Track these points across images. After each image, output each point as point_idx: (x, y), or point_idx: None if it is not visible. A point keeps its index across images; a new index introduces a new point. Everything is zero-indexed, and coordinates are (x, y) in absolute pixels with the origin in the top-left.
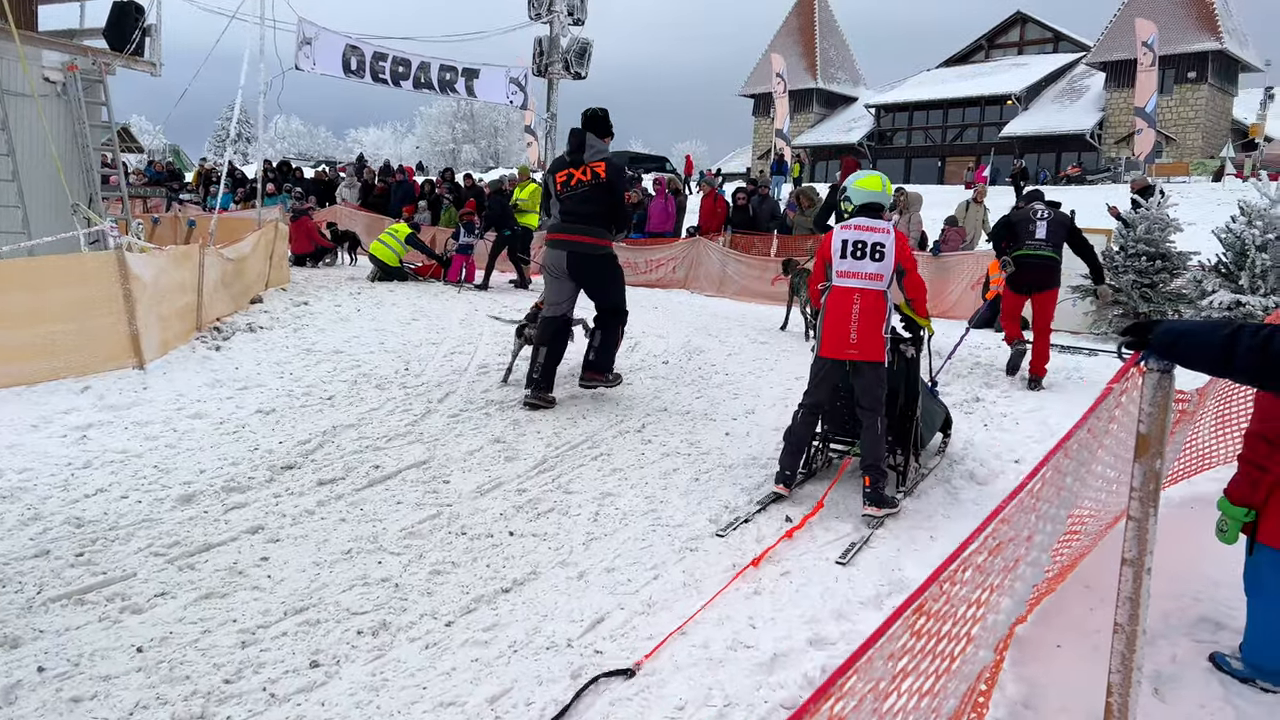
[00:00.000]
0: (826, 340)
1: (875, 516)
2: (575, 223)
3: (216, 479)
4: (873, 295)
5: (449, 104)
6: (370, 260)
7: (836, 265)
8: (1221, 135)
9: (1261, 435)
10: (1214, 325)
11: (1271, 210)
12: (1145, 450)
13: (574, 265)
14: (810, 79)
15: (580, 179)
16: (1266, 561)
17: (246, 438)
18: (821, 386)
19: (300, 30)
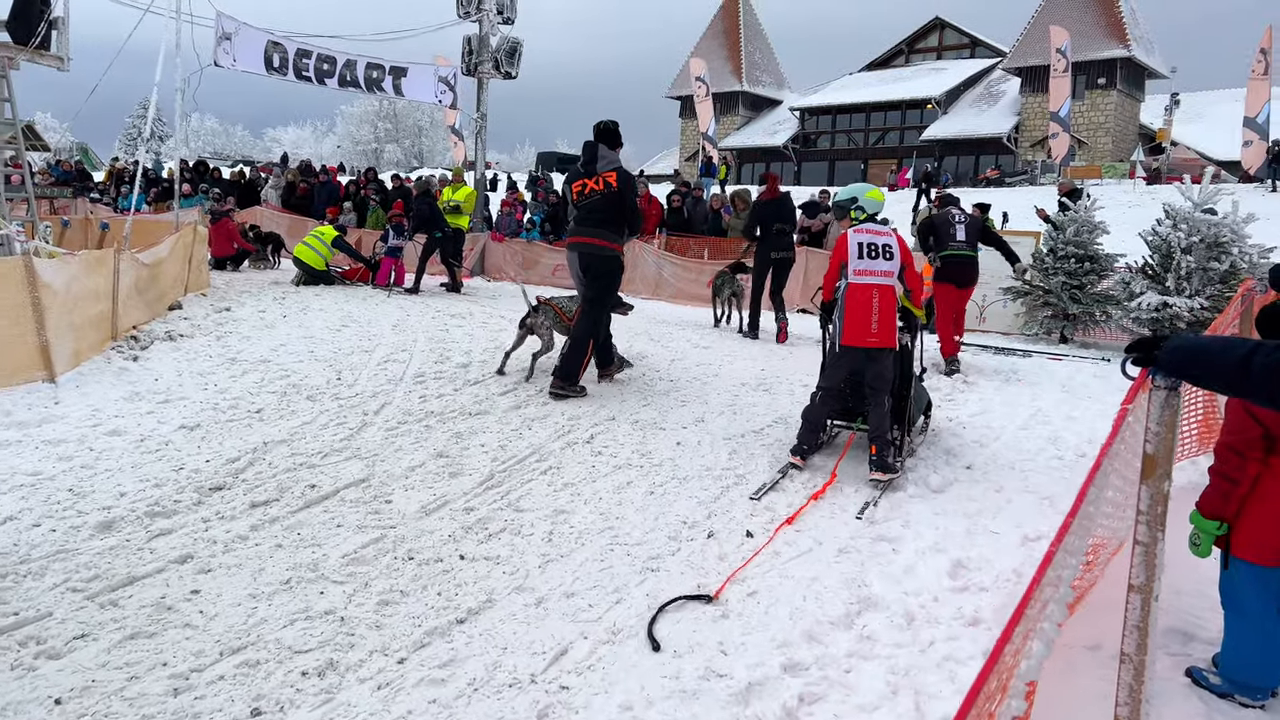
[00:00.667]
0: (849, 331)
1: (881, 480)
2: (588, 227)
3: (139, 503)
4: (888, 290)
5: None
6: (295, 264)
7: (854, 265)
8: (1130, 139)
9: (1231, 447)
10: (1226, 343)
11: (1195, 214)
12: (1152, 471)
13: (583, 263)
14: (736, 82)
15: (593, 188)
16: (1242, 575)
17: (170, 456)
18: (839, 372)
19: (219, 25)
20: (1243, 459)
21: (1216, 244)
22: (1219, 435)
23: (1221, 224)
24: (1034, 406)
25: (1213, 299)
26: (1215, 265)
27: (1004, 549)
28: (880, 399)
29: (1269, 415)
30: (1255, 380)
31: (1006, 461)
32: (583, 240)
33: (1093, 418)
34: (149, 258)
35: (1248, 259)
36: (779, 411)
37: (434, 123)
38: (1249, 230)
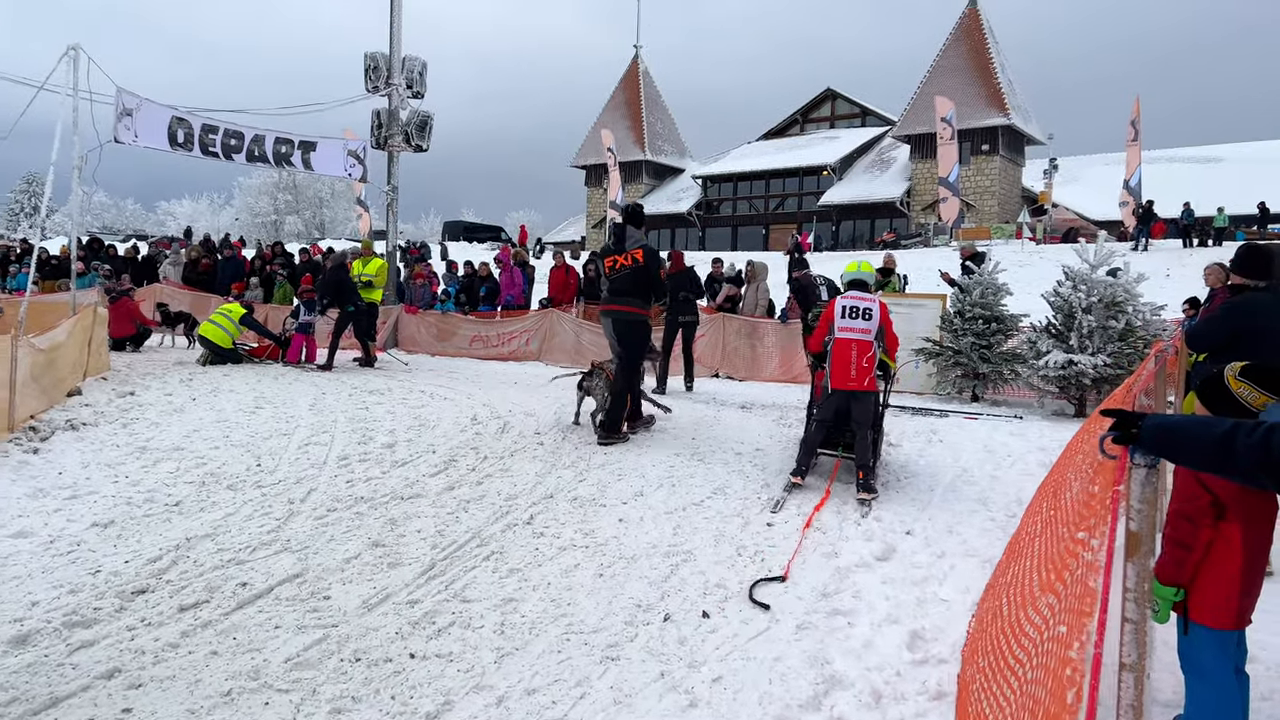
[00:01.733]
0: (835, 376)
1: (867, 499)
2: (619, 296)
3: (54, 612)
4: (866, 344)
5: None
6: (200, 343)
7: (839, 324)
8: (1015, 202)
9: (1183, 514)
10: (1205, 422)
11: (1093, 275)
12: (1137, 548)
13: (617, 328)
14: (639, 151)
15: (623, 264)
16: (1201, 639)
17: (85, 558)
18: (828, 408)
19: (120, 101)
20: (1194, 525)
21: (1113, 303)
22: (1170, 502)
23: (1116, 284)
24: (958, 467)
25: (1114, 356)
26: (1113, 324)
27: (956, 617)
28: (864, 433)
29: (1217, 482)
30: (1240, 461)
31: (943, 525)
32: (615, 308)
33: (1016, 476)
34: (45, 342)
35: (1141, 317)
36: (716, 482)
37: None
38: (1140, 289)
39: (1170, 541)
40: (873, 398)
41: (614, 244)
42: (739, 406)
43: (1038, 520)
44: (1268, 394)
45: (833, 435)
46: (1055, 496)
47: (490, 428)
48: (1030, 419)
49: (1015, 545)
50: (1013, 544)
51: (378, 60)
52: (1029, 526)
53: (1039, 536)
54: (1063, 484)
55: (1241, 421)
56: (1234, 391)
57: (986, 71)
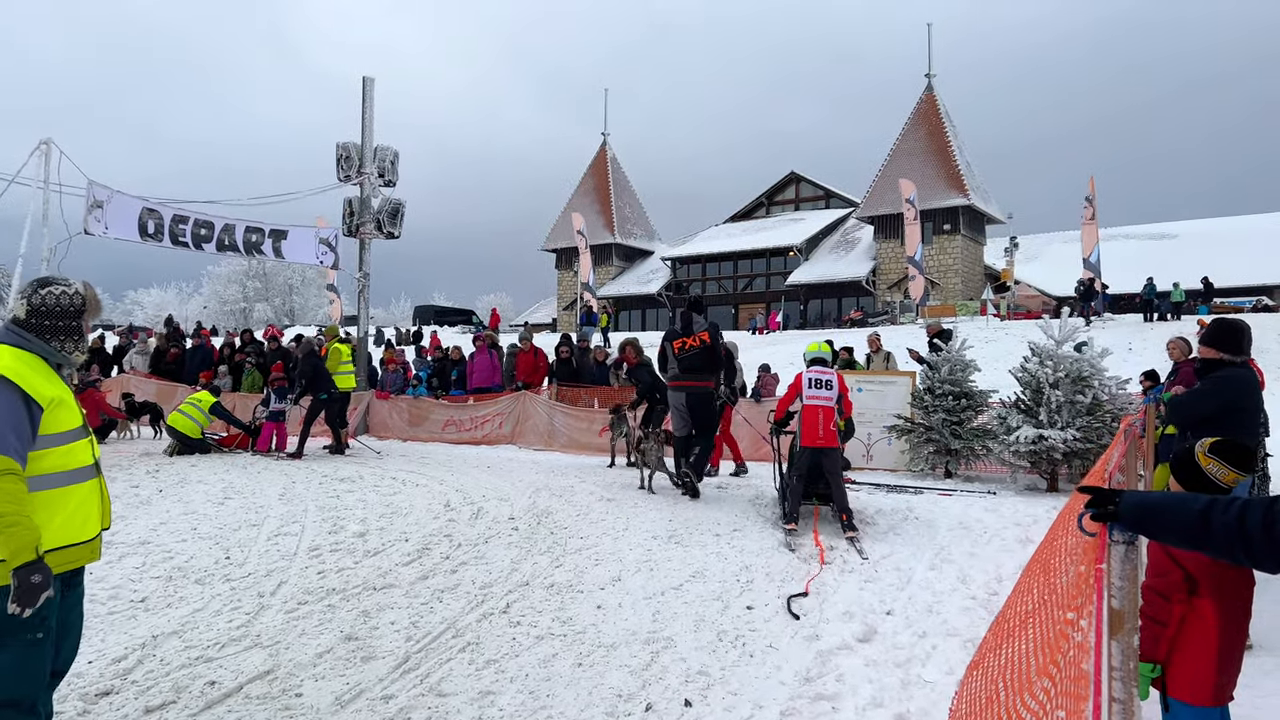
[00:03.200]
0: (805, 436)
1: (855, 536)
2: (691, 373)
3: None
4: (829, 410)
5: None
6: (168, 433)
7: (807, 393)
8: (978, 279)
9: (1155, 590)
10: (1182, 499)
11: (1059, 350)
12: (1120, 626)
13: (690, 401)
14: (609, 234)
15: (692, 344)
16: (1183, 717)
17: None
18: (802, 463)
19: (90, 193)
20: (1167, 601)
21: (1080, 378)
22: (1144, 578)
23: (1081, 359)
24: (936, 545)
25: (1083, 430)
26: (1081, 398)
27: (940, 699)
28: (838, 481)
29: (1188, 557)
30: (1215, 537)
31: (923, 604)
32: (688, 384)
33: (994, 553)
34: None
35: (1107, 390)
36: (694, 565)
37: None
38: (1104, 364)
39: (1145, 617)
40: (838, 452)
41: (682, 328)
42: (715, 485)
43: (1029, 599)
44: (1236, 471)
45: (806, 489)
46: (1046, 575)
47: (463, 514)
48: (1004, 494)
49: (1004, 624)
50: (1000, 622)
51: (349, 150)
52: (1019, 605)
53: (1033, 616)
54: (1052, 563)
55: (1217, 498)
56: (1204, 468)
57: (945, 154)
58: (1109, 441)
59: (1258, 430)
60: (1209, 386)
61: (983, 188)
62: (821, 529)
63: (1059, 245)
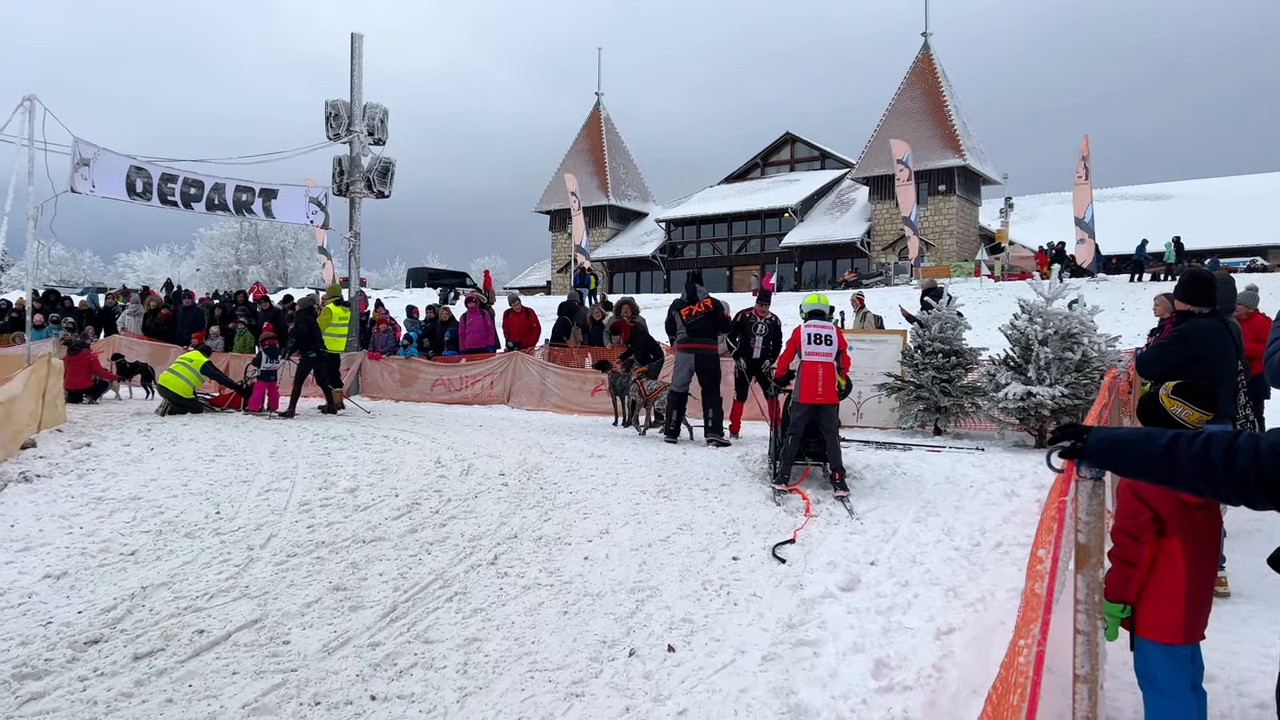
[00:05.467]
0: (804, 393)
1: (845, 496)
2: (697, 336)
3: (4, 664)
4: (829, 365)
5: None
6: (160, 393)
7: (806, 348)
8: (973, 240)
9: (1126, 531)
10: (1148, 434)
11: (1049, 308)
12: (1086, 560)
13: (698, 361)
14: (603, 196)
15: (697, 311)
16: (1152, 654)
17: (36, 610)
18: (801, 422)
19: (76, 151)
20: (1137, 542)
21: (1069, 335)
22: (1114, 520)
23: (1071, 317)
24: (922, 499)
25: (1071, 386)
26: (1070, 355)
27: (921, 645)
28: (834, 440)
29: (1156, 498)
30: (1182, 471)
31: (907, 555)
32: (695, 346)
33: (979, 506)
34: (1, 395)
35: (1097, 348)
36: (682, 518)
37: (298, 243)
38: (1095, 321)
39: (1115, 558)
40: (835, 409)
41: (688, 297)
42: (704, 444)
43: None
44: (1200, 410)
45: (800, 447)
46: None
47: (454, 470)
48: (992, 451)
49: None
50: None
51: (338, 108)
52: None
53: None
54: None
55: (1182, 432)
56: (1168, 409)
57: (941, 114)
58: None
59: (1227, 379)
60: (1172, 339)
61: (979, 148)
62: (810, 488)
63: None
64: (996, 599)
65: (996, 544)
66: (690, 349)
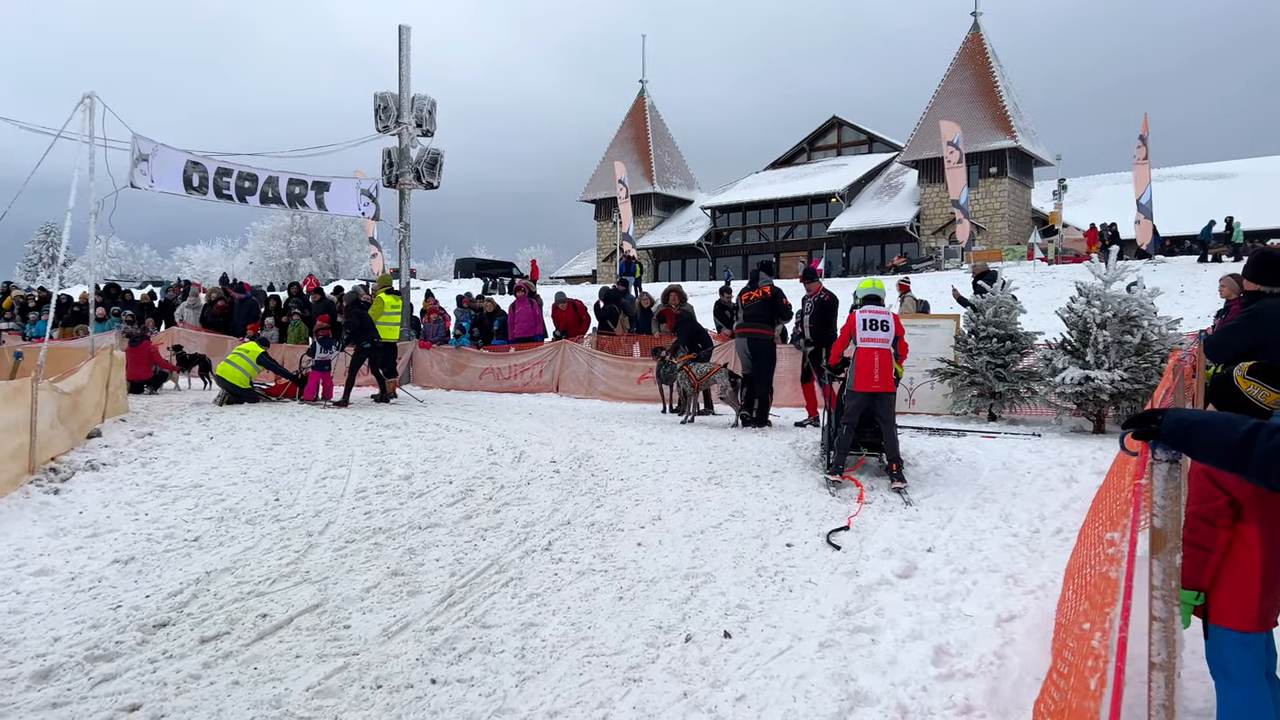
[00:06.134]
0: (859, 380)
1: (902, 488)
2: (752, 321)
3: (77, 647)
4: (885, 352)
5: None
6: (218, 383)
7: (861, 334)
8: (1025, 223)
9: (1200, 516)
10: (1228, 420)
11: (1107, 290)
12: (1162, 545)
13: (751, 346)
14: (647, 184)
15: (755, 296)
16: (1225, 642)
17: (106, 594)
18: (856, 411)
19: (135, 147)
20: (1212, 527)
21: (1129, 318)
22: (1187, 505)
23: (1131, 299)
24: (978, 485)
25: (1131, 370)
26: (1129, 338)
27: (981, 633)
28: (890, 429)
29: (1232, 482)
30: (1257, 462)
31: (965, 542)
32: (750, 331)
33: (1037, 493)
34: (68, 386)
35: (1157, 331)
36: (734, 505)
37: (348, 235)
38: (1155, 304)
39: (1189, 544)
40: (892, 397)
41: (750, 284)
42: (754, 431)
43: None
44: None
45: (855, 436)
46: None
47: (506, 458)
48: (1049, 436)
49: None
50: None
51: (387, 100)
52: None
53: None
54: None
55: (1263, 423)
56: (1243, 390)
57: (991, 95)
58: (1158, 383)
59: None
60: (1243, 320)
61: (1031, 129)
62: (864, 475)
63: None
64: (1058, 586)
65: (1056, 530)
66: (744, 333)
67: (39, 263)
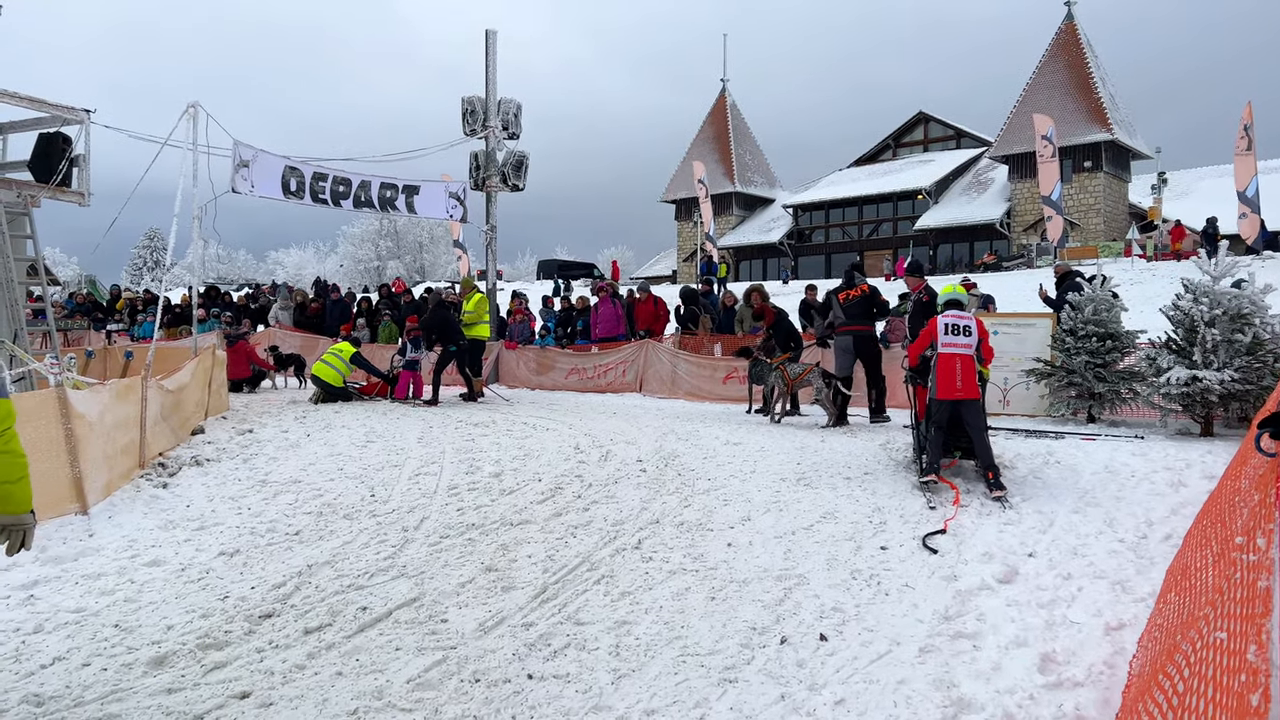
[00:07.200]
0: (940, 388)
1: (1002, 496)
2: (855, 319)
3: (189, 635)
4: (968, 358)
5: (372, 222)
6: (313, 382)
7: (942, 339)
8: (1121, 218)
9: None
10: None
11: (1216, 287)
12: None
13: (856, 344)
14: (728, 183)
15: (854, 295)
16: None
17: (214, 584)
18: (941, 416)
19: (236, 153)
20: None
21: (1239, 316)
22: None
23: (1242, 296)
24: (1079, 489)
25: (1242, 371)
26: (1240, 337)
27: (1089, 640)
28: (981, 436)
29: None
30: None
31: (1067, 547)
32: (854, 328)
33: (1143, 496)
34: (173, 384)
35: (1269, 329)
36: (824, 507)
37: (434, 238)
38: (1268, 301)
39: None
40: (980, 404)
41: (845, 283)
42: (843, 432)
43: (1208, 552)
44: None
45: (946, 441)
46: (1213, 518)
47: (593, 456)
48: (1153, 439)
49: (1184, 581)
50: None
51: (475, 104)
52: (1197, 559)
53: (1211, 568)
54: (1220, 505)
55: None
56: None
57: (1086, 86)
58: (1271, 384)
59: None
60: None
61: (1128, 121)
62: (959, 478)
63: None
64: None
65: (1165, 536)
66: (848, 332)
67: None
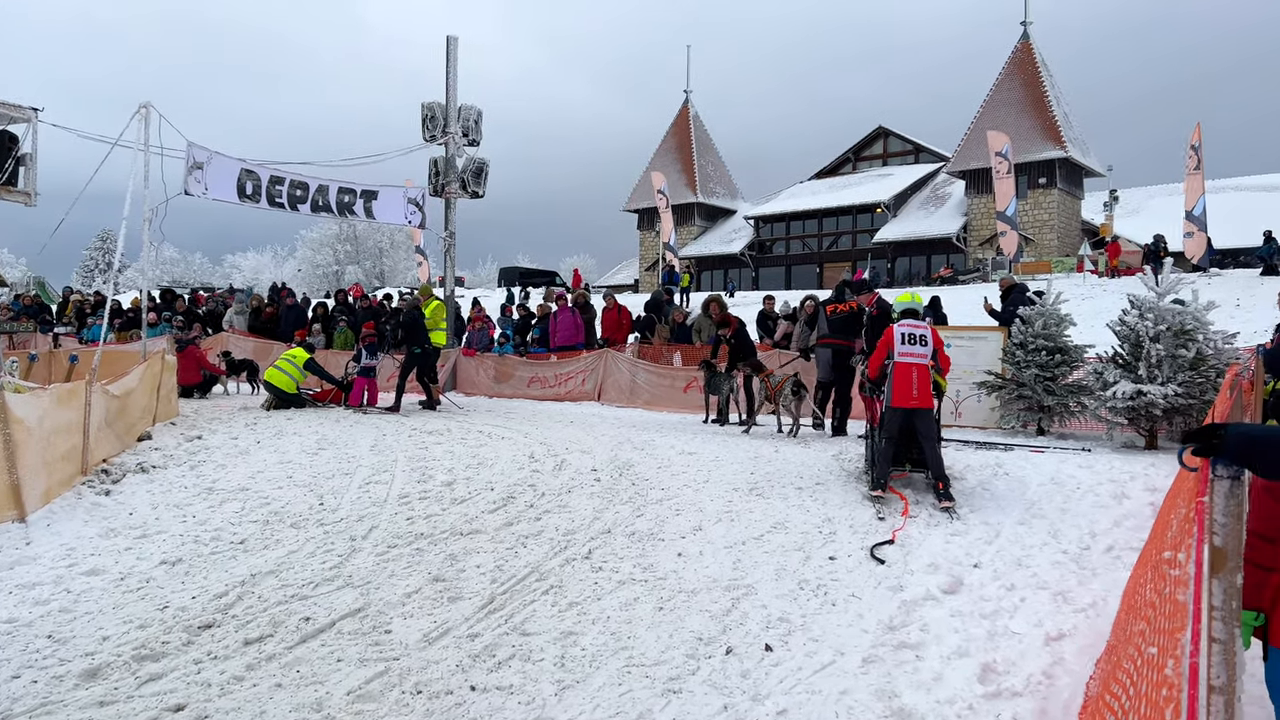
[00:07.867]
0: (896, 396)
1: (950, 506)
2: (838, 333)
3: (124, 646)
4: (924, 367)
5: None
6: (266, 388)
7: (899, 349)
8: (1075, 235)
9: (1260, 534)
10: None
11: (1160, 304)
12: (1223, 565)
13: (834, 358)
14: (690, 194)
15: (842, 310)
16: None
17: (153, 594)
18: (892, 426)
19: (190, 155)
20: (1274, 546)
21: (1183, 331)
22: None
23: (1185, 312)
24: (1026, 500)
25: (1185, 385)
26: (1183, 352)
27: (1029, 651)
28: (933, 446)
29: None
30: None
31: (1012, 557)
32: (834, 342)
33: (1088, 509)
34: (119, 389)
35: (1212, 345)
36: (776, 517)
37: (394, 243)
38: (1210, 317)
39: (1249, 563)
40: (933, 413)
41: (835, 297)
42: (797, 442)
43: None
44: None
45: (898, 453)
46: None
47: (547, 465)
48: (1099, 451)
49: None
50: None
51: (434, 110)
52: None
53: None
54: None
55: None
56: None
57: (1041, 104)
58: (1213, 398)
59: None
60: None
61: (1081, 140)
62: (909, 489)
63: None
64: (1109, 605)
65: (1108, 548)
66: (829, 344)
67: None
